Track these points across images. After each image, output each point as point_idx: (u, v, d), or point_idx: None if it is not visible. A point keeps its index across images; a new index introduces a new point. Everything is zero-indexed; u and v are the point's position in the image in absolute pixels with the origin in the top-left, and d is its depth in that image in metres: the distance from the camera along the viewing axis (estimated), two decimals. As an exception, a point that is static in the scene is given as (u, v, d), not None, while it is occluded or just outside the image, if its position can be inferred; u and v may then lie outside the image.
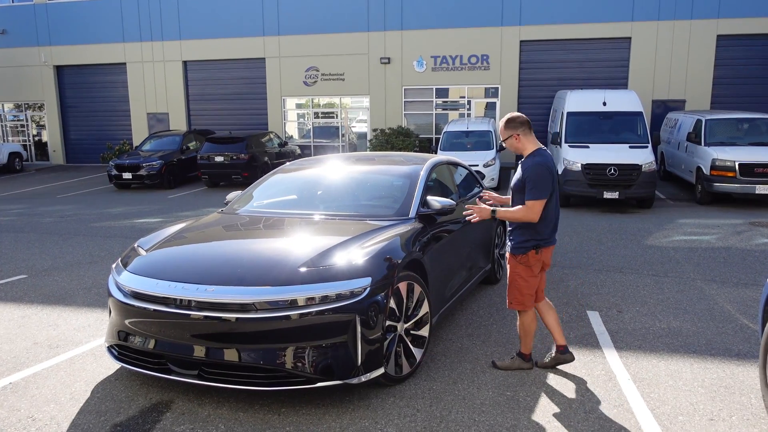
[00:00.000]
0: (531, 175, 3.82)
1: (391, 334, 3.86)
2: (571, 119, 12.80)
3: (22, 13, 22.89)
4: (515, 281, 4.07)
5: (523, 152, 3.99)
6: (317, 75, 20.68)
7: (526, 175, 3.85)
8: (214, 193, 14.87)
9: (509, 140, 3.99)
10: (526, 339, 4.21)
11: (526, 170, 3.87)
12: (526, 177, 3.84)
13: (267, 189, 5.70)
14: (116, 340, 3.93)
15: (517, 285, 4.05)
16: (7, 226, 10.95)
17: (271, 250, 4.05)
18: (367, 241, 4.01)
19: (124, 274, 3.97)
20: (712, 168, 11.35)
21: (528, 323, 4.15)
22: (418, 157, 6.00)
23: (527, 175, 3.84)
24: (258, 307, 3.40)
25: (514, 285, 4.07)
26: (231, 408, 3.65)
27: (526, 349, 4.24)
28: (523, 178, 3.86)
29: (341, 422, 3.46)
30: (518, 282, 4.05)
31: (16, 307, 5.99)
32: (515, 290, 4.07)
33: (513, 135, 3.97)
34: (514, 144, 3.99)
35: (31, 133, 24.26)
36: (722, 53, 17.89)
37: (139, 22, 21.73)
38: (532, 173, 3.82)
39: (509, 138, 3.98)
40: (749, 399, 3.75)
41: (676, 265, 7.31)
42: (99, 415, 3.61)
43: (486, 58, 19.33)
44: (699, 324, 5.21)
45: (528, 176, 3.83)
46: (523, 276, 4.02)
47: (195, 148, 17.33)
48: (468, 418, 3.51)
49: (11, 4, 23.16)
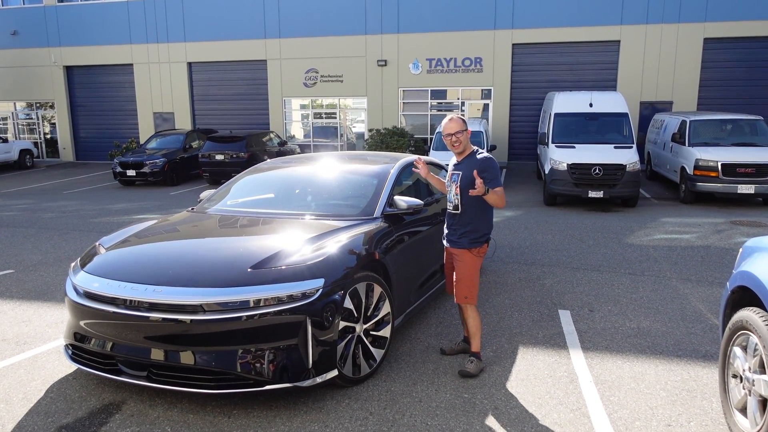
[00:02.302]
0: (491, 165, 4.11)
1: (349, 335, 3.81)
2: (558, 120, 12.83)
3: (32, 15, 23.42)
4: (473, 275, 4.18)
5: (466, 149, 4.22)
6: (317, 76, 21.05)
7: (484, 166, 4.07)
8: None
9: (462, 135, 4.15)
10: (478, 334, 4.26)
11: (483, 163, 4.10)
12: (485, 168, 4.06)
13: (239, 188, 5.65)
14: (72, 340, 3.87)
15: (473, 278, 4.19)
16: (8, 221, 11.00)
17: (225, 250, 3.98)
18: (325, 241, 3.95)
19: (80, 274, 3.90)
20: (696, 168, 11.36)
21: (478, 317, 4.28)
22: (391, 156, 5.95)
23: (486, 166, 4.08)
24: (206, 309, 3.33)
25: (472, 279, 4.18)
26: (182, 410, 3.59)
27: (476, 346, 4.26)
28: (482, 169, 4.04)
29: (291, 425, 3.40)
30: (474, 276, 4.19)
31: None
32: (472, 284, 4.18)
33: (467, 130, 4.22)
34: (463, 139, 4.17)
35: (42, 131, 24.85)
36: (709, 56, 17.95)
37: (145, 24, 22.16)
38: (492, 164, 4.12)
39: (463, 132, 4.16)
40: (710, 403, 3.69)
41: (653, 263, 7.28)
42: (47, 416, 3.54)
43: (479, 60, 19.49)
44: (669, 324, 5.18)
45: (488, 167, 4.09)
46: (478, 268, 4.22)
47: (198, 147, 17.62)
48: (420, 422, 3.45)
49: (22, 5, 23.69)
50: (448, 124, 4.20)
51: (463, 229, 4.19)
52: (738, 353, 3.21)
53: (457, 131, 4.14)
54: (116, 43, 22.56)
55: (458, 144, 4.17)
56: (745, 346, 3.16)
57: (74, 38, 22.97)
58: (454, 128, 4.15)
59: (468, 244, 4.16)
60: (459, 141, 4.16)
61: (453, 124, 4.17)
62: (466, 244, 4.17)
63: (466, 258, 4.18)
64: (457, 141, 4.16)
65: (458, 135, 4.14)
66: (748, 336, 3.12)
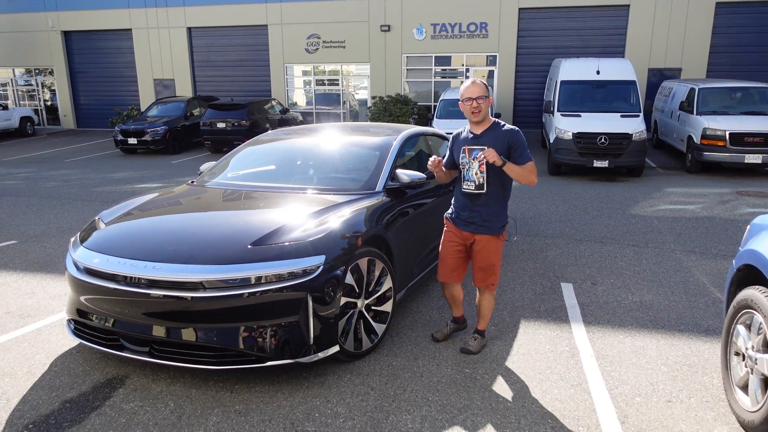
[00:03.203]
0: (519, 139, 3.73)
1: (350, 311, 3.81)
2: (564, 88, 12.63)
3: (28, -22, 22.99)
4: (497, 263, 3.95)
5: (486, 118, 3.81)
6: (319, 42, 20.75)
7: (513, 140, 3.72)
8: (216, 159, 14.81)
9: (483, 101, 3.72)
10: (488, 316, 4.16)
11: (512, 136, 3.73)
12: (513, 142, 3.71)
13: (239, 161, 5.59)
14: (74, 316, 3.88)
15: (498, 265, 3.97)
16: (10, 190, 11.02)
17: (226, 226, 3.94)
18: (326, 216, 3.91)
19: (80, 250, 3.88)
20: (703, 137, 11.20)
21: (494, 300, 4.13)
22: (394, 128, 5.86)
23: (515, 140, 3.72)
24: (207, 286, 3.32)
25: (497, 266, 3.96)
26: (185, 384, 3.62)
27: (484, 326, 4.18)
28: (509, 144, 3.71)
29: (292, 400, 3.42)
30: (498, 262, 3.96)
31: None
32: (498, 270, 3.99)
33: (490, 97, 3.82)
34: (484, 106, 3.74)
35: (42, 98, 24.70)
36: (720, 21, 17.53)
37: (143, -14, 21.77)
38: (520, 138, 3.74)
39: (485, 99, 3.73)
40: (711, 379, 3.69)
41: (657, 235, 7.24)
42: (51, 391, 3.58)
43: (485, 25, 19.11)
44: (672, 297, 5.16)
45: (517, 141, 3.72)
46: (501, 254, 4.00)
47: (199, 114, 17.50)
48: (421, 398, 3.47)
49: None
50: (469, 87, 3.73)
51: (488, 210, 3.82)
52: (741, 331, 3.19)
53: (479, 96, 3.70)
54: (114, 7, 22.23)
55: (478, 112, 3.72)
56: (749, 324, 3.14)
57: (71, 2, 22.64)
58: (476, 92, 3.70)
59: (498, 228, 3.86)
60: (479, 108, 3.71)
61: (475, 87, 3.71)
62: (496, 228, 3.86)
63: (492, 245, 3.88)
64: (478, 108, 3.71)
65: (479, 101, 3.70)
66: (752, 315, 3.09)
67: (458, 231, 3.97)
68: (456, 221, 3.99)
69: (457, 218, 3.97)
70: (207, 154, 16.12)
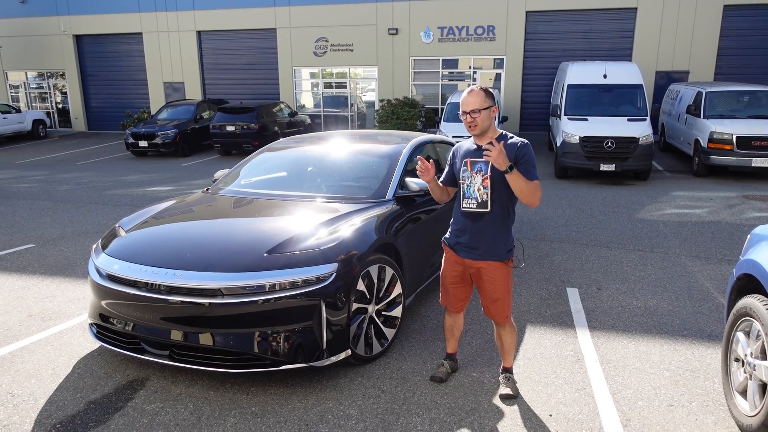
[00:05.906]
0: (527, 153, 3.29)
1: (361, 316, 3.94)
2: (571, 92, 12.74)
3: (40, -18, 23.35)
4: (508, 293, 3.50)
5: (488, 131, 3.35)
6: (327, 45, 20.93)
7: (520, 154, 3.29)
8: (226, 162, 15.15)
9: (480, 115, 3.27)
10: (513, 350, 3.72)
11: (518, 150, 3.30)
12: (520, 156, 3.28)
13: (252, 168, 5.73)
14: (96, 320, 4.04)
15: (510, 295, 3.53)
16: (25, 193, 11.28)
17: (242, 235, 4.10)
18: (338, 225, 4.05)
19: (102, 257, 4.04)
20: (710, 141, 11.28)
21: (515, 331, 3.72)
22: (403, 136, 5.99)
23: (521, 154, 3.29)
24: (225, 293, 3.47)
25: (509, 297, 3.52)
26: (203, 386, 3.77)
27: (510, 362, 3.75)
28: (515, 157, 3.28)
29: (306, 403, 3.57)
30: (509, 292, 3.52)
31: (19, 277, 6.16)
32: (509, 302, 3.55)
33: (492, 107, 3.32)
34: (480, 120, 3.28)
35: (54, 100, 25.08)
36: (728, 23, 17.51)
37: (153, -9, 22.11)
38: (529, 152, 3.30)
39: (488, 109, 3.29)
40: (712, 384, 3.80)
41: (663, 239, 7.33)
42: (76, 392, 3.73)
43: (492, 29, 19.21)
44: (676, 303, 5.26)
45: (524, 155, 3.28)
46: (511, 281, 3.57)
47: (208, 118, 17.75)
48: (430, 401, 3.60)
49: None
50: (465, 97, 3.29)
51: (492, 232, 3.37)
52: (741, 338, 3.30)
53: (474, 109, 3.24)
54: (125, 12, 22.51)
55: (474, 126, 3.28)
56: (748, 331, 3.25)
57: (83, 6, 22.94)
58: (471, 104, 3.25)
59: (505, 254, 3.40)
60: (475, 123, 3.27)
61: (470, 98, 3.26)
62: (502, 254, 3.39)
63: (500, 274, 3.43)
64: (473, 122, 3.27)
65: (474, 115, 3.24)
66: (751, 322, 3.20)
67: (459, 259, 3.53)
68: (455, 248, 3.53)
69: (457, 244, 3.52)
70: (216, 156, 16.36)
